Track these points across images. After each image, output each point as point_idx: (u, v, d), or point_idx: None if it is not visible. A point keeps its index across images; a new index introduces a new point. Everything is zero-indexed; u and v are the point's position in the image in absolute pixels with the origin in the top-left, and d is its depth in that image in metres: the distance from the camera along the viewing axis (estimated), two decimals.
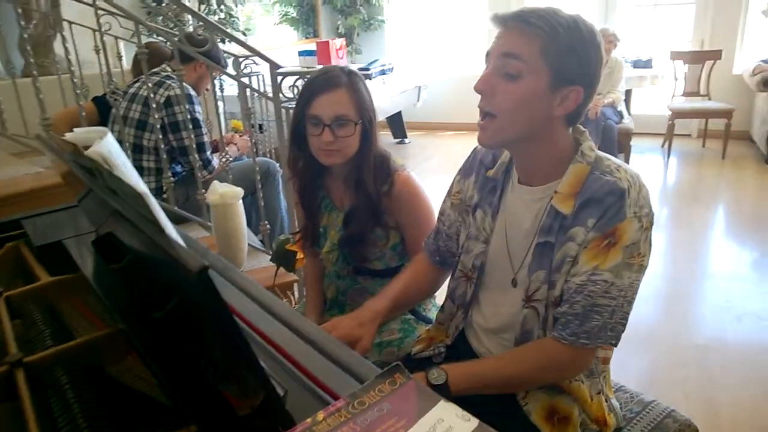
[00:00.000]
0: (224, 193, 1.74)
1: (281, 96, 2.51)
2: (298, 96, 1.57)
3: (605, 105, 4.89)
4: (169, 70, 2.88)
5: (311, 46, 6.16)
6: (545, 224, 1.16)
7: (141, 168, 2.83)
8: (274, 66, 2.52)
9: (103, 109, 3.13)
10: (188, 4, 4.79)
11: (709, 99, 5.62)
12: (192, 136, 2.67)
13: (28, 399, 0.72)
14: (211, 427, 0.70)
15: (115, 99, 2.68)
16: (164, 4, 4.04)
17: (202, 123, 2.87)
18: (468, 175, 1.35)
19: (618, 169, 1.12)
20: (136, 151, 2.82)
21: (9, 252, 1.20)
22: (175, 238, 0.59)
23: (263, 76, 3.39)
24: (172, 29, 3.73)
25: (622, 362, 1.23)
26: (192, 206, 2.81)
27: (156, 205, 0.63)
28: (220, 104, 3.24)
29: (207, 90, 3.29)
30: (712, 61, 5.52)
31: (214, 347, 0.64)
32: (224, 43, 4.22)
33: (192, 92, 2.85)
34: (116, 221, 0.79)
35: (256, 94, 3.17)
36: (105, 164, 0.73)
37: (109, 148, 0.75)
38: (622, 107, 5.17)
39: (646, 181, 1.13)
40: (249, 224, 2.20)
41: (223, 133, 3.06)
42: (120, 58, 3.14)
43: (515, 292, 1.22)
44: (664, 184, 5.09)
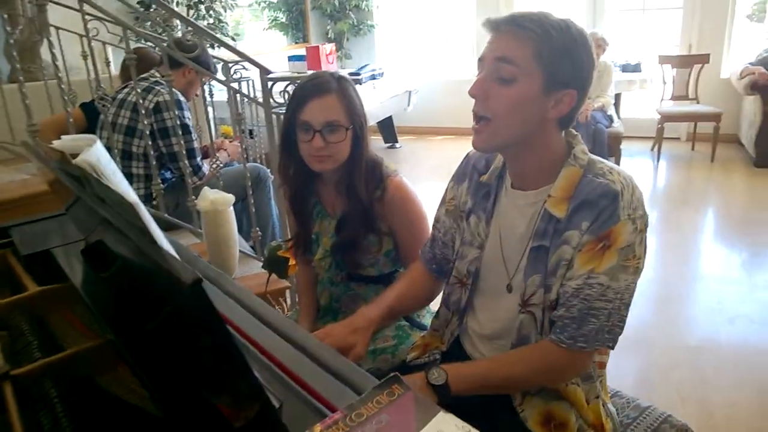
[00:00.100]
0: (215, 200, 1.72)
1: (272, 101, 2.50)
2: (288, 102, 1.56)
3: (595, 109, 4.91)
4: (158, 75, 2.86)
5: (301, 51, 6.15)
6: (539, 228, 1.15)
7: (130, 175, 2.80)
8: (264, 71, 2.50)
9: (91, 115, 3.10)
10: (177, 9, 4.78)
11: (698, 102, 5.65)
12: (182, 142, 2.65)
13: (16, 412, 0.71)
14: None
15: (104, 105, 2.66)
16: (152, 10, 4.02)
17: (191, 129, 2.85)
18: (461, 181, 1.34)
19: (611, 171, 1.12)
20: (125, 157, 2.80)
21: None
22: (167, 248, 0.57)
23: (253, 82, 3.37)
24: (161, 34, 3.71)
25: (615, 365, 1.23)
26: (182, 213, 2.79)
27: (147, 215, 0.61)
28: (209, 110, 3.22)
29: (196, 95, 3.27)
30: (700, 65, 5.56)
31: (208, 359, 0.63)
32: (213, 48, 4.20)
33: (181, 98, 2.83)
34: (105, 230, 0.77)
35: (245, 100, 3.15)
36: (94, 173, 0.71)
37: (98, 156, 0.74)
38: (611, 111, 5.19)
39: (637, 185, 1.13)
40: (240, 230, 2.19)
41: (213, 139, 3.04)
42: (108, 64, 3.11)
43: (510, 297, 1.22)
44: (654, 188, 5.11)
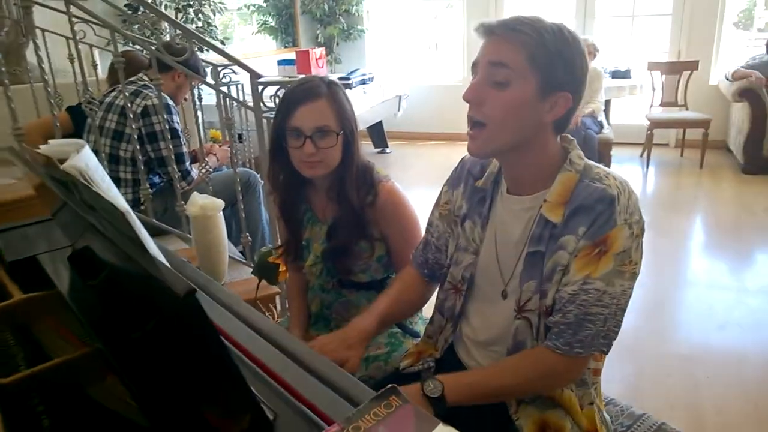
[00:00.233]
0: (204, 205, 1.69)
1: (262, 106, 2.47)
2: (277, 108, 1.54)
3: (585, 115, 4.92)
4: (146, 79, 2.83)
5: (291, 55, 6.13)
6: (535, 233, 1.15)
7: (118, 179, 2.77)
8: (254, 75, 2.48)
9: (77, 119, 3.06)
10: (165, 12, 4.74)
11: (687, 109, 5.69)
12: (170, 146, 2.62)
13: (1, 423, 0.68)
14: None
15: (91, 109, 2.62)
16: (140, 13, 3.98)
17: (180, 133, 2.82)
18: (456, 186, 1.33)
19: (607, 176, 1.12)
20: (113, 161, 2.76)
21: None
22: (157, 256, 0.55)
23: (243, 86, 3.34)
24: (149, 38, 3.67)
25: (607, 371, 1.22)
26: (171, 218, 2.75)
27: (138, 223, 0.59)
28: (198, 114, 3.19)
29: (185, 99, 3.23)
30: (689, 72, 5.60)
31: (201, 370, 0.61)
32: (202, 51, 4.17)
33: (170, 102, 2.80)
34: (93, 236, 0.75)
35: (235, 104, 3.13)
36: (83, 179, 0.69)
37: (87, 161, 0.72)
38: (601, 117, 5.21)
39: None
40: (229, 236, 2.16)
41: (203, 143, 3.02)
42: (95, 67, 3.07)
43: (505, 303, 1.21)
44: (643, 194, 5.12)
